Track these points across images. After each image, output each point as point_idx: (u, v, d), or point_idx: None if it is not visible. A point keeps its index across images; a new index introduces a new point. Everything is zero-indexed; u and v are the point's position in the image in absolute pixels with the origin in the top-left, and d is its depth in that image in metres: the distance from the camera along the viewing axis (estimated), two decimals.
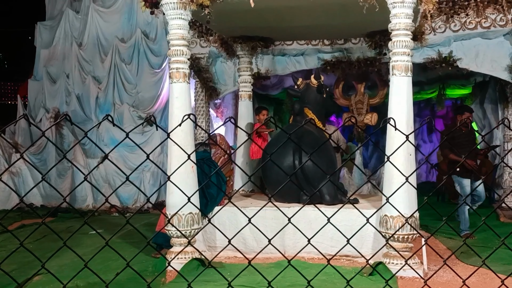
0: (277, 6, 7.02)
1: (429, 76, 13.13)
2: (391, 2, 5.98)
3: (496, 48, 10.65)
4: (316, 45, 11.42)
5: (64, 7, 15.71)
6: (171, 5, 6.44)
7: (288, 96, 14.02)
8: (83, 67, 14.85)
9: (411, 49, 6.20)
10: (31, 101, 15.62)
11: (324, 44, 11.34)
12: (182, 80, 6.68)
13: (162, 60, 13.99)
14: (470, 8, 10.39)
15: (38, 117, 14.97)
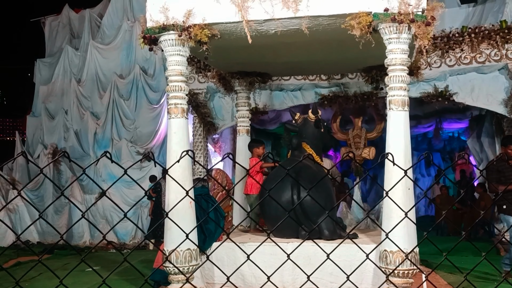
0: (274, 42, 7.09)
1: (425, 110, 13.22)
2: (387, 38, 6.05)
3: (492, 83, 10.75)
4: (313, 80, 11.52)
5: (64, 44, 15.89)
6: (169, 41, 6.51)
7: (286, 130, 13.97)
8: (82, 103, 14.93)
9: (407, 84, 6.24)
10: (29, 137, 15.65)
11: (321, 79, 11.43)
12: (180, 115, 6.69)
13: (161, 95, 14.09)
14: (464, 43, 10.54)
15: (36, 153, 14.96)
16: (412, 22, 5.81)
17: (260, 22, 6.31)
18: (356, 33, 5.98)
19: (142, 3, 13.51)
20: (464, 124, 15.24)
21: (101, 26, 15.84)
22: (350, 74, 11.01)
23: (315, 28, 6.42)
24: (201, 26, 6.36)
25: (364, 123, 12.88)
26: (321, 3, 6.06)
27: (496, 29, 10.42)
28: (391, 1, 5.88)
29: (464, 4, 13.05)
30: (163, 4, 6.41)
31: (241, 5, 6.21)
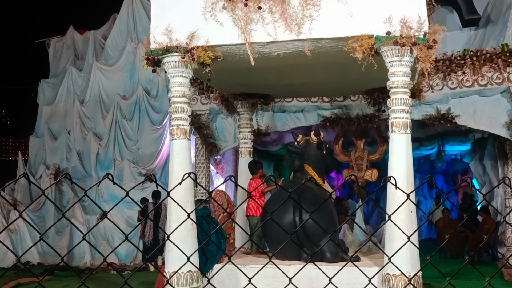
0: (277, 65, 7.13)
1: (428, 132, 13.21)
2: (389, 60, 6.08)
3: (494, 105, 10.76)
4: (315, 102, 11.55)
5: (68, 65, 16.01)
6: (172, 63, 6.55)
7: (288, 152, 14.05)
8: (85, 123, 14.98)
9: (409, 107, 6.26)
10: (32, 158, 15.67)
11: (324, 101, 11.46)
12: (183, 137, 6.70)
13: (163, 116, 14.13)
14: (466, 66, 10.58)
15: (38, 174, 14.97)
16: (414, 45, 5.84)
17: (263, 44, 6.35)
18: (358, 55, 6.01)
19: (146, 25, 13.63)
20: (466, 146, 15.22)
21: (105, 47, 15.96)
22: (352, 96, 11.02)
23: (318, 51, 6.46)
24: (204, 48, 6.40)
25: (366, 145, 12.88)
26: (323, 26, 6.11)
27: (498, 53, 10.47)
28: (393, 24, 5.92)
29: (466, 28, 13.13)
30: (166, 26, 6.46)
31: (244, 27, 6.25)
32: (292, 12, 6.16)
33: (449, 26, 12.73)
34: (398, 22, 5.89)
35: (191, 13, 6.46)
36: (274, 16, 6.21)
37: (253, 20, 6.26)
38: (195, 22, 6.43)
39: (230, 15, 6.32)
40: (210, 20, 6.40)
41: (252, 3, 6.24)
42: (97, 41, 16.24)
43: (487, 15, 13.02)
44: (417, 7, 5.92)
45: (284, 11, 6.16)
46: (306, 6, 6.10)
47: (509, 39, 11.40)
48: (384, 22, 5.93)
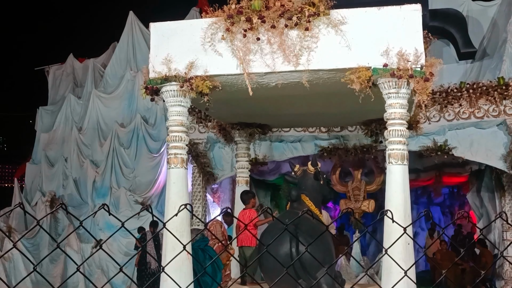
0: (274, 95, 7.17)
1: (425, 163, 13.22)
2: (386, 92, 6.12)
3: (490, 138, 10.80)
4: (313, 132, 11.58)
5: (67, 93, 16.09)
6: (171, 92, 6.58)
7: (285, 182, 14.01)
8: (82, 151, 14.97)
9: (406, 138, 6.28)
10: (28, 184, 15.61)
11: (321, 131, 11.49)
12: (180, 165, 6.69)
13: (161, 144, 14.13)
14: (463, 98, 10.66)
15: (34, 201, 14.89)
16: (411, 77, 5.89)
17: (261, 75, 6.40)
18: (356, 87, 6.05)
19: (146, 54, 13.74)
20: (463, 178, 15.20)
21: (104, 75, 16.06)
22: (349, 126, 11.07)
23: (315, 82, 6.51)
24: (202, 77, 6.44)
25: (363, 175, 12.86)
26: (321, 58, 6.16)
27: (494, 85, 10.56)
28: (390, 56, 5.98)
29: (462, 60, 13.26)
30: (166, 56, 6.52)
31: (242, 58, 6.31)
32: (290, 43, 6.22)
33: (445, 58, 12.86)
34: (395, 55, 5.95)
35: (190, 43, 6.52)
36: (272, 47, 6.27)
37: (251, 50, 6.32)
38: (194, 52, 6.48)
39: (229, 45, 6.38)
40: (209, 50, 6.46)
41: (251, 34, 6.30)
42: (97, 69, 16.35)
43: (483, 48, 13.17)
44: (414, 40, 5.99)
45: (282, 42, 6.22)
46: (304, 37, 6.17)
47: (505, 72, 11.52)
48: (381, 54, 5.99)
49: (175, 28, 6.69)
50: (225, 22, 6.39)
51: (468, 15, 13.46)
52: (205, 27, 6.48)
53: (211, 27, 6.46)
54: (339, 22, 6.14)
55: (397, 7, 6.14)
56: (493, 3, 13.56)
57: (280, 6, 6.27)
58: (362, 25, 6.14)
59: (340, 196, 14.37)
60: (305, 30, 6.15)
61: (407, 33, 6.02)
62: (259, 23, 6.27)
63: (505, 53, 12.11)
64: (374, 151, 11.36)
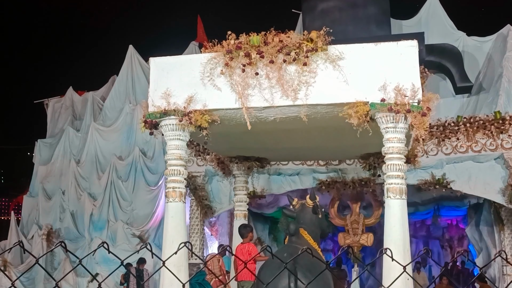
0: (273, 129, 7.20)
1: (423, 197, 13.20)
2: (384, 127, 6.15)
3: (488, 172, 10.82)
4: (311, 165, 11.59)
5: (65, 126, 16.12)
6: (170, 126, 6.61)
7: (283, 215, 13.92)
8: (80, 183, 14.93)
9: (404, 172, 6.28)
10: (25, 218, 15.52)
11: (319, 165, 11.50)
12: (178, 199, 6.68)
13: (159, 177, 14.11)
14: (460, 132, 10.71)
15: (30, 234, 14.78)
16: (409, 112, 5.93)
17: (259, 109, 6.44)
18: (354, 121, 6.09)
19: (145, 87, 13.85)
20: (462, 211, 15.16)
21: (103, 108, 16.13)
22: (348, 160, 11.08)
23: (314, 116, 6.54)
24: (201, 112, 6.48)
25: (362, 209, 12.83)
26: (319, 92, 6.21)
27: (491, 120, 10.64)
28: (387, 91, 6.03)
29: (459, 94, 13.37)
30: (165, 90, 6.56)
31: (241, 92, 6.36)
32: (288, 78, 6.28)
33: (442, 92, 12.99)
34: (393, 90, 6.00)
35: (190, 78, 6.57)
36: (271, 82, 6.33)
37: (250, 85, 6.37)
38: (193, 86, 6.53)
39: (228, 80, 6.44)
40: (208, 85, 6.51)
41: (249, 69, 6.36)
42: (96, 102, 16.43)
43: (479, 83, 13.30)
44: (410, 75, 6.06)
45: (281, 77, 6.28)
46: (302, 72, 6.23)
47: (502, 106, 11.61)
48: (378, 89, 6.05)
49: (175, 62, 6.76)
50: (224, 57, 6.46)
51: (464, 50, 13.64)
52: (204, 61, 6.55)
53: (210, 62, 6.53)
54: (337, 57, 6.21)
55: (394, 43, 6.23)
56: (488, 39, 13.75)
57: (278, 42, 6.35)
58: (360, 60, 6.21)
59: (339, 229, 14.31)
60: (303, 65, 6.22)
61: (404, 69, 6.09)
62: (257, 58, 6.35)
63: (501, 87, 12.23)
64: (372, 184, 11.35)
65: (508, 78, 12.40)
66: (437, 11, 14.33)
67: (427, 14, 14.42)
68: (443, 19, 14.23)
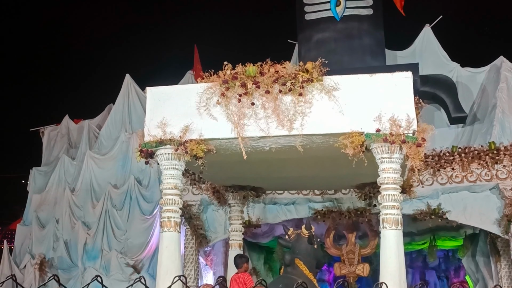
0: (268, 158, 7.22)
1: (419, 227, 13.14)
2: (379, 157, 6.18)
3: (484, 202, 10.82)
4: (306, 195, 11.58)
5: (61, 154, 16.09)
6: (166, 155, 6.62)
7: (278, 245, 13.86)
8: (74, 212, 14.83)
9: (400, 203, 6.29)
10: (17, 246, 15.37)
11: (315, 194, 11.50)
12: (173, 229, 6.66)
13: (154, 206, 14.03)
14: (455, 162, 10.76)
15: (23, 263, 14.62)
16: (404, 143, 5.97)
17: (255, 139, 6.47)
18: (349, 151, 6.12)
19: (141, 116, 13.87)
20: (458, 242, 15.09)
21: (99, 136, 16.12)
22: (343, 189, 11.09)
23: (309, 146, 6.57)
24: (197, 141, 6.51)
25: (357, 238, 12.77)
26: (315, 123, 6.26)
27: (485, 150, 10.69)
28: (382, 122, 6.08)
29: (454, 125, 13.44)
30: (161, 120, 6.60)
31: (237, 122, 6.40)
32: (284, 108, 6.33)
33: (437, 122, 13.06)
34: (388, 120, 6.05)
35: (186, 107, 6.62)
36: (267, 112, 6.37)
37: (246, 115, 6.42)
38: (189, 116, 6.57)
39: (224, 110, 6.49)
40: (204, 115, 6.55)
41: (245, 99, 6.42)
42: (92, 131, 16.42)
43: (474, 113, 13.38)
44: (405, 106, 6.12)
45: (276, 107, 6.33)
46: (298, 103, 6.28)
47: (496, 137, 11.66)
48: (374, 120, 6.10)
49: (171, 92, 6.82)
50: (220, 87, 6.51)
51: (458, 80, 13.75)
52: (200, 91, 6.61)
53: (206, 91, 6.58)
54: (332, 88, 6.27)
55: (388, 74, 6.31)
56: (481, 70, 13.88)
57: (274, 72, 6.42)
58: (355, 91, 6.28)
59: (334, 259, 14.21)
60: (299, 96, 6.28)
61: (399, 100, 6.15)
62: (253, 88, 6.41)
63: (495, 118, 12.30)
64: (368, 214, 11.33)
65: (502, 108, 12.49)
66: (431, 42, 14.50)
67: (421, 46, 14.58)
68: (437, 50, 14.38)
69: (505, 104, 12.62)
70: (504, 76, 13.03)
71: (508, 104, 12.67)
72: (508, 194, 10.56)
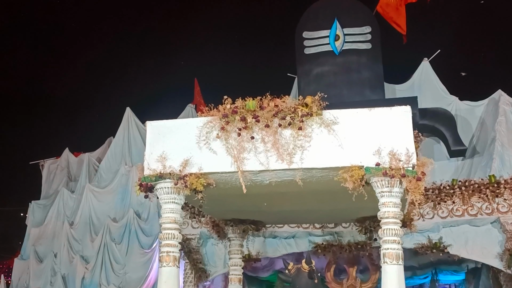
0: (268, 192, 7.19)
1: (420, 261, 13.04)
2: (379, 191, 6.16)
3: (485, 236, 10.76)
4: (307, 228, 11.51)
5: (60, 187, 16.07)
6: (165, 189, 6.60)
7: (279, 279, 13.74)
8: (72, 246, 14.73)
9: (401, 237, 6.24)
10: (14, 281, 15.23)
11: (315, 228, 11.42)
12: (172, 264, 6.59)
13: (153, 240, 13.95)
14: (455, 196, 10.72)
15: None
16: (403, 177, 5.96)
17: (255, 172, 6.46)
18: (349, 185, 6.11)
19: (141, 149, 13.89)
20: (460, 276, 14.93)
21: (98, 170, 16.13)
22: (343, 223, 11.02)
23: (309, 180, 6.56)
24: (197, 175, 6.49)
25: (358, 272, 12.65)
26: (314, 156, 6.25)
27: (486, 183, 10.66)
28: (382, 156, 6.08)
29: (453, 158, 13.45)
30: (161, 154, 6.60)
31: (237, 156, 6.40)
32: (284, 142, 6.34)
33: (436, 155, 13.08)
34: (387, 154, 6.05)
35: (186, 141, 6.63)
36: (266, 145, 6.38)
37: (246, 149, 6.42)
38: (189, 150, 6.58)
39: (224, 144, 6.49)
40: (204, 148, 6.55)
41: (245, 133, 6.43)
42: (91, 164, 16.44)
43: (473, 146, 13.41)
44: (404, 140, 6.12)
45: (276, 141, 6.34)
46: (297, 137, 6.29)
47: (496, 170, 11.65)
48: (373, 153, 6.10)
49: (171, 126, 6.84)
50: (220, 121, 6.53)
51: (456, 114, 13.83)
52: (200, 125, 6.62)
53: (206, 125, 6.60)
54: (332, 122, 6.29)
55: (387, 108, 6.33)
56: (480, 103, 13.97)
57: (274, 106, 6.45)
58: (354, 125, 6.30)
59: None
60: (298, 130, 6.29)
61: (398, 134, 6.16)
62: (253, 122, 6.43)
63: (494, 151, 12.32)
64: (369, 248, 11.26)
65: (501, 142, 12.53)
66: (429, 76, 14.63)
67: (420, 79, 14.71)
68: (435, 84, 14.50)
69: (504, 138, 12.66)
70: (503, 110, 13.10)
71: (507, 137, 12.71)
72: (509, 228, 10.49)
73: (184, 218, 11.52)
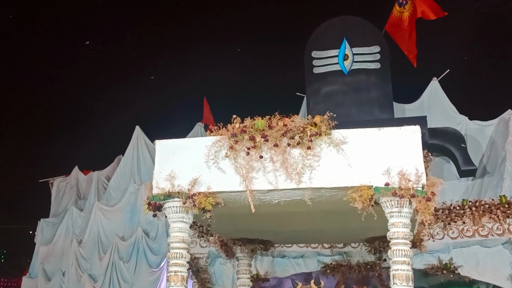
0: (277, 211, 7.17)
1: (431, 282, 12.88)
2: (389, 211, 6.12)
3: (496, 257, 10.63)
4: (315, 248, 11.44)
5: (69, 205, 16.11)
6: (173, 208, 6.59)
7: None
8: (81, 264, 14.71)
9: (411, 258, 6.18)
10: None
11: (324, 247, 11.36)
12: (180, 283, 6.56)
13: (161, 258, 13.90)
14: (466, 216, 10.62)
15: None
16: (413, 197, 5.92)
17: (263, 192, 6.45)
18: (358, 205, 6.08)
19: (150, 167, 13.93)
20: None
21: (107, 188, 16.16)
22: (353, 243, 10.95)
23: (318, 199, 6.53)
24: (205, 194, 6.48)
25: None
26: (323, 176, 6.23)
27: (496, 204, 10.57)
28: (391, 176, 6.04)
29: (463, 178, 13.35)
30: (169, 173, 6.60)
31: (245, 175, 6.39)
32: (292, 161, 6.33)
33: (446, 175, 12.98)
34: (397, 174, 6.02)
35: (194, 160, 6.63)
36: (275, 165, 6.37)
37: (254, 168, 6.41)
38: (198, 169, 6.58)
39: (232, 163, 6.49)
40: (213, 167, 6.56)
41: (254, 152, 6.43)
42: (101, 182, 16.48)
43: (483, 166, 13.31)
44: (414, 160, 6.09)
45: (285, 161, 6.33)
46: (306, 156, 6.28)
47: (507, 190, 11.55)
48: (383, 173, 6.07)
49: (180, 145, 6.85)
50: (229, 140, 6.54)
51: (466, 133, 13.75)
52: (209, 144, 6.63)
53: (215, 145, 6.61)
54: (341, 141, 6.28)
55: (397, 128, 6.32)
56: (490, 123, 13.89)
57: (282, 126, 6.45)
58: (363, 145, 6.28)
59: None
60: (307, 149, 6.28)
61: (407, 154, 6.14)
62: (262, 141, 6.43)
63: (505, 171, 12.21)
64: (378, 268, 11.16)
65: None
66: (438, 95, 14.59)
67: (429, 99, 14.67)
68: (444, 103, 14.45)
69: None
70: None
71: None
72: None
73: (192, 237, 11.51)
